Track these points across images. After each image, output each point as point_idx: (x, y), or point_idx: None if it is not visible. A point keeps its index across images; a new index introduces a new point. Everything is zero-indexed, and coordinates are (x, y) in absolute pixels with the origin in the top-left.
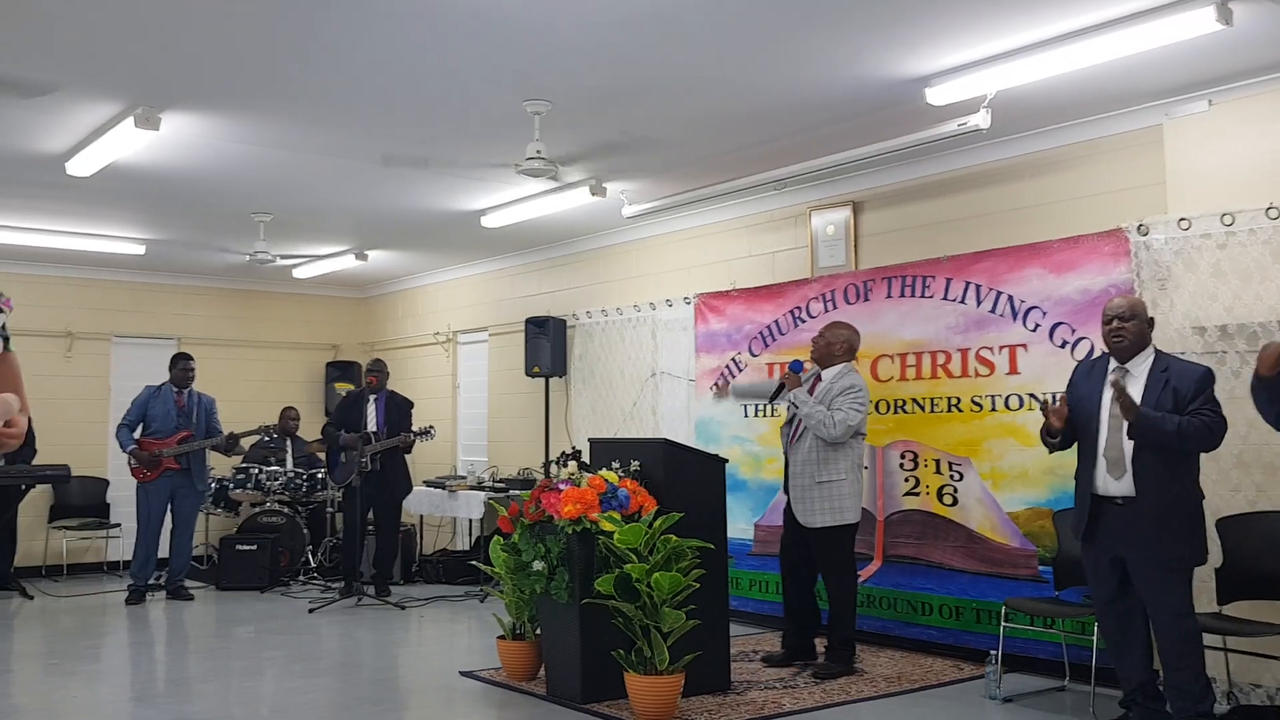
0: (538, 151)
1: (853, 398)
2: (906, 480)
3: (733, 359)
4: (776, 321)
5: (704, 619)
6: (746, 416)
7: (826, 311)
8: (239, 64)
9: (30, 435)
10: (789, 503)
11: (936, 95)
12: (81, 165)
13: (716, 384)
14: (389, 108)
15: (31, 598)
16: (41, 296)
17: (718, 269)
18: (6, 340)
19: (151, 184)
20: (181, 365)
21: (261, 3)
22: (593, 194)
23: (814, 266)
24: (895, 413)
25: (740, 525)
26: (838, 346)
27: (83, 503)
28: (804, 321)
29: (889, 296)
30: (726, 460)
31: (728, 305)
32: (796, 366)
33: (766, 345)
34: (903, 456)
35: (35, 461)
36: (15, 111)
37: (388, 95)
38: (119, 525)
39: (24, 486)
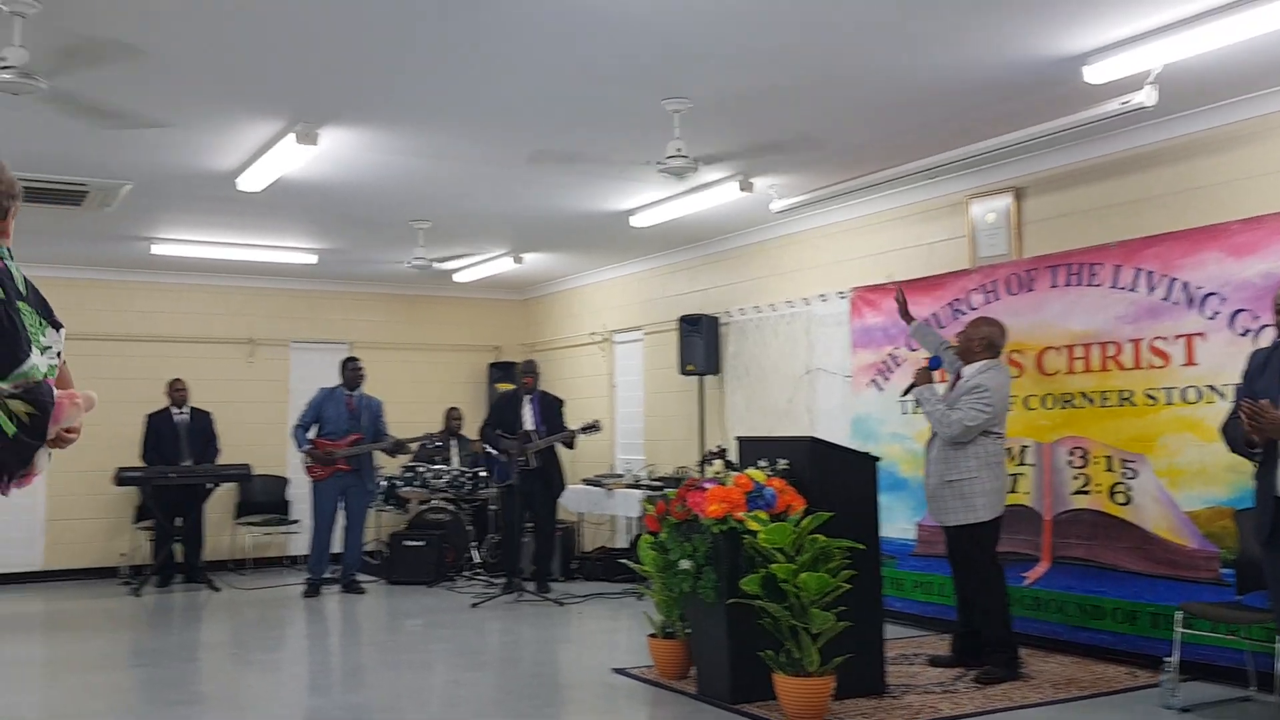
0: (678, 150)
1: (977, 397)
2: (1076, 478)
3: (890, 354)
4: (935, 314)
5: (855, 620)
6: (905, 413)
7: (988, 303)
8: (389, 79)
9: (213, 435)
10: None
11: (1094, 73)
12: (251, 181)
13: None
14: (533, 112)
15: (219, 590)
16: (226, 305)
17: (873, 262)
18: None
19: (316, 197)
20: (351, 368)
21: (407, 20)
22: (740, 189)
23: (974, 256)
24: (1063, 407)
25: (901, 525)
26: (976, 344)
27: (265, 500)
28: (964, 314)
29: (1054, 286)
30: (878, 458)
31: (884, 299)
32: (935, 364)
33: None
34: (1071, 453)
35: (219, 461)
36: (188, 133)
37: (531, 99)
38: (297, 521)
39: (209, 485)
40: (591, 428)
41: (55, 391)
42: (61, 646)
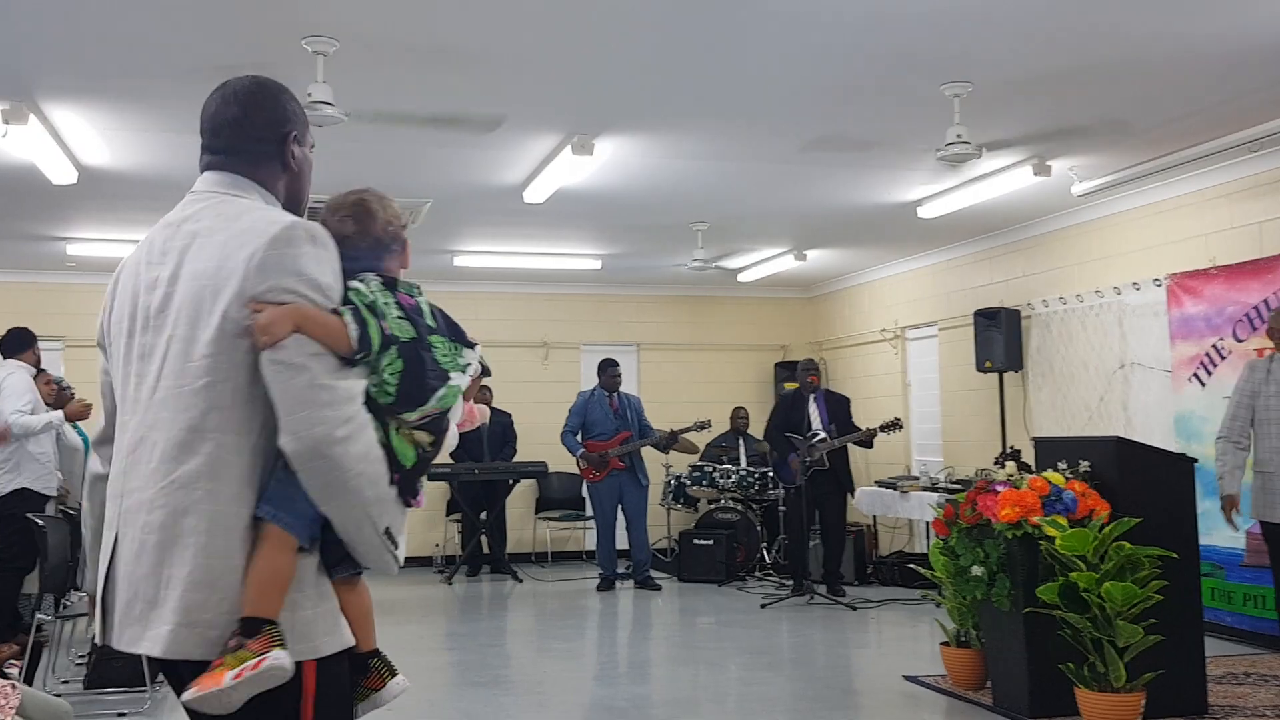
0: (958, 136)
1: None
2: None
3: (1214, 345)
4: (1265, 301)
5: (1169, 634)
6: None
7: None
8: (660, 86)
9: (511, 434)
10: None
11: None
12: (535, 193)
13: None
14: (806, 105)
15: (521, 581)
16: (520, 311)
17: (1192, 245)
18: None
19: (596, 204)
20: (610, 371)
21: (673, 28)
22: (1035, 174)
23: None
24: None
25: (1228, 533)
26: (1275, 335)
27: (562, 496)
28: None
29: None
30: (1194, 460)
31: (1206, 285)
32: None
33: (1254, 328)
34: None
35: (516, 459)
36: (477, 150)
37: (803, 92)
38: (593, 517)
39: (510, 481)
40: (893, 426)
41: (461, 406)
42: (383, 629)
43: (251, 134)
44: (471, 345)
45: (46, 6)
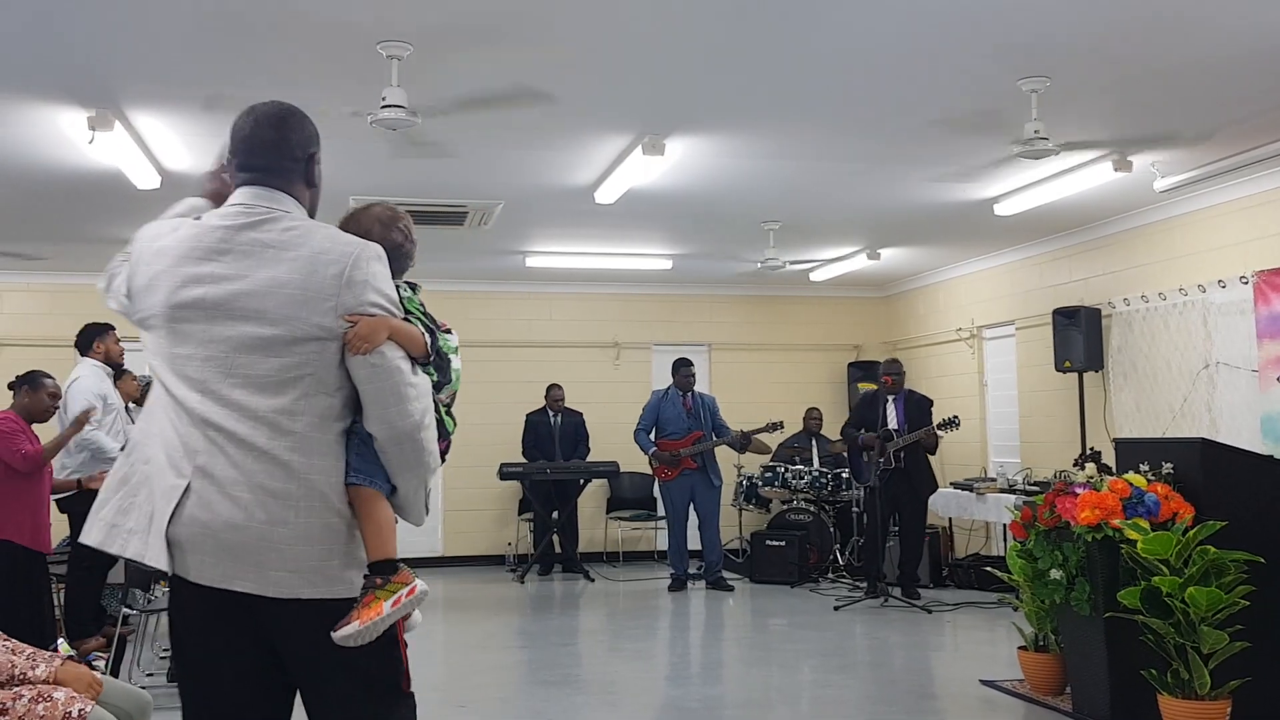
0: (1036, 131)
1: None
2: None
3: None
4: None
5: (1256, 640)
6: None
7: None
8: (731, 84)
9: (584, 434)
10: None
11: None
12: (606, 194)
13: None
14: (878, 102)
15: (593, 580)
16: (592, 312)
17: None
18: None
19: (666, 204)
20: (684, 371)
21: (743, 24)
22: (1116, 169)
23: None
24: None
25: None
26: None
27: (633, 496)
28: None
29: None
30: None
31: None
32: None
33: None
34: None
35: (589, 459)
36: (548, 152)
37: (875, 89)
38: (664, 517)
39: (582, 481)
40: (949, 424)
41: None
42: (457, 626)
43: (287, 154)
44: (445, 328)
45: (131, 18)
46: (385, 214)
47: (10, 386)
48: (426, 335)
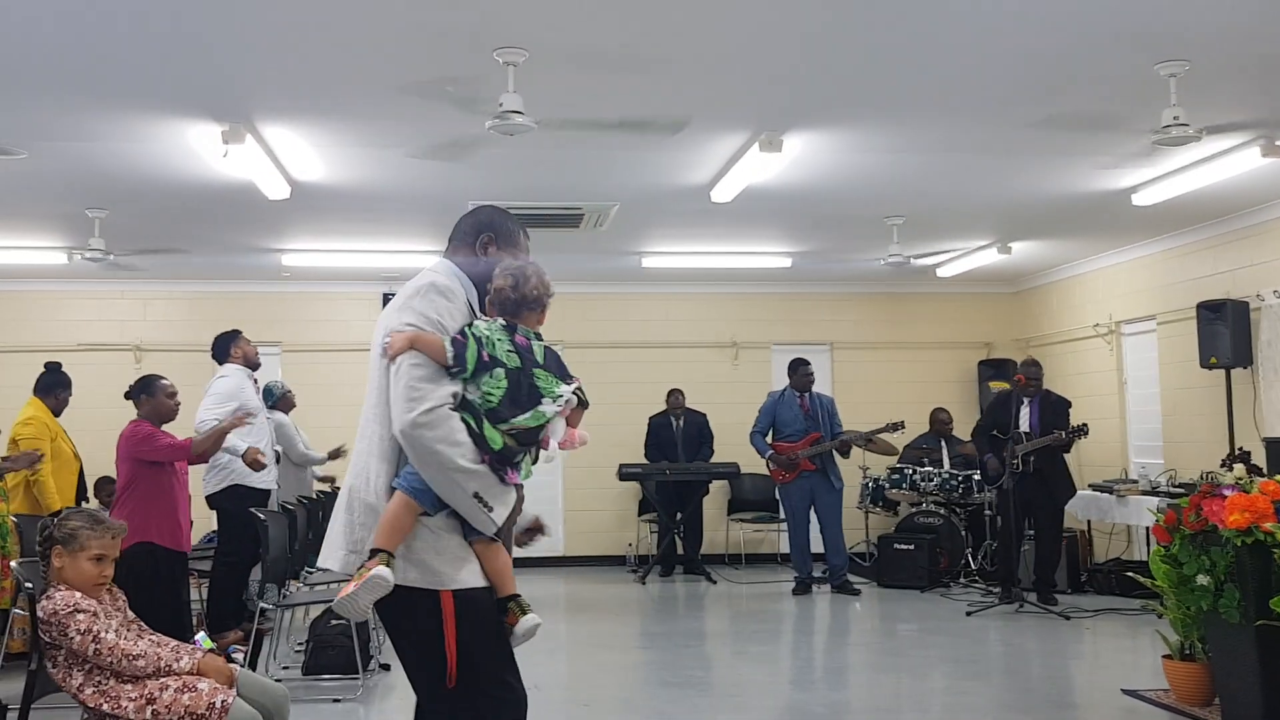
0: (1175, 118)
1: None
2: None
3: None
4: None
5: None
6: None
7: None
8: (850, 77)
9: (708, 434)
10: None
11: None
12: (723, 192)
13: None
14: (1006, 90)
15: (715, 582)
16: (710, 312)
17: None
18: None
19: (785, 201)
20: (802, 371)
21: (862, 14)
22: (1263, 155)
23: None
24: None
25: None
26: None
27: (755, 497)
28: None
29: None
30: None
31: None
32: None
33: None
34: None
35: (712, 460)
36: (663, 153)
37: (1006, 76)
38: (785, 520)
39: (704, 482)
40: (1077, 432)
41: (563, 427)
42: (578, 626)
43: (456, 234)
44: (569, 380)
45: (262, 35)
46: (516, 266)
47: (127, 396)
48: (451, 348)
